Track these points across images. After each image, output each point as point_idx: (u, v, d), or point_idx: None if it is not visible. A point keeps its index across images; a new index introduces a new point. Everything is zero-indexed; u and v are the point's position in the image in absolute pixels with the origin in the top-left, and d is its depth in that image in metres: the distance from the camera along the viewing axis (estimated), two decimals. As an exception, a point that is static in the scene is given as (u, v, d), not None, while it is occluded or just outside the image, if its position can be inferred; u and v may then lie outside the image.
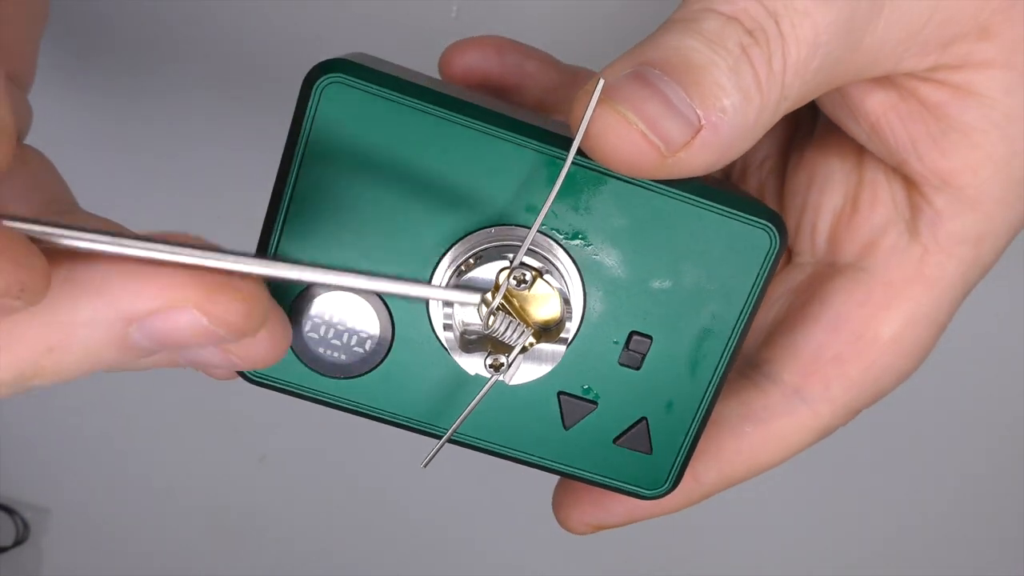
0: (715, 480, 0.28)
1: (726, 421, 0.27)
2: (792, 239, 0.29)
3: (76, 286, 0.19)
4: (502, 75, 0.30)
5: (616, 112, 0.21)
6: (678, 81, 0.21)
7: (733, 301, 0.24)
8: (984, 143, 0.24)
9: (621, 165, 0.21)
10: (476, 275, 0.23)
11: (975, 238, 0.25)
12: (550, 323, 0.24)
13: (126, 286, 0.18)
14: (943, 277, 0.26)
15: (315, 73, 0.22)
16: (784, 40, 0.21)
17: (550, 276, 0.23)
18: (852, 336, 0.27)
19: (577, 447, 0.26)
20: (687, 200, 0.23)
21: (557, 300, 0.24)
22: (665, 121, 0.20)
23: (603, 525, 0.28)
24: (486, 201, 0.23)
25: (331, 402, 0.25)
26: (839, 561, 0.58)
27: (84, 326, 0.19)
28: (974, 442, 0.54)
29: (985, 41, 0.23)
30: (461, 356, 0.24)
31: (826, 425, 0.27)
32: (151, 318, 0.19)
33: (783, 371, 0.27)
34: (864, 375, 0.27)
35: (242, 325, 0.19)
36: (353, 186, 0.23)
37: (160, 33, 0.44)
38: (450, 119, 0.23)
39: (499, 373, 0.24)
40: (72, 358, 0.19)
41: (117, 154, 0.48)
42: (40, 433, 0.57)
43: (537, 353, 0.24)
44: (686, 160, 0.21)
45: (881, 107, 0.25)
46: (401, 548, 0.60)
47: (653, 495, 0.26)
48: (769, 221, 0.24)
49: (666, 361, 0.25)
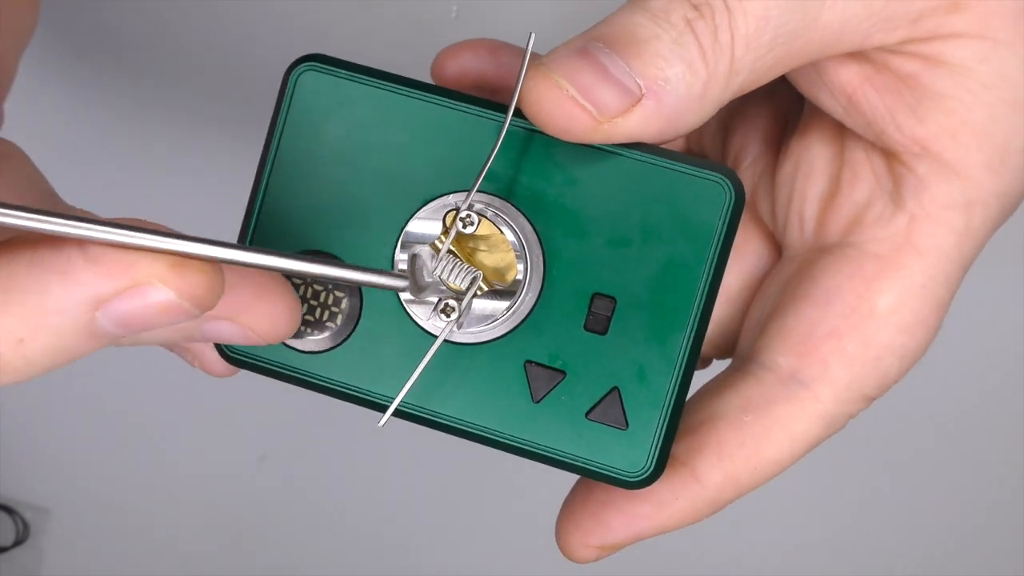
0: (720, 480, 0.26)
1: (725, 415, 0.26)
2: (782, 233, 0.29)
3: (44, 270, 0.18)
4: (497, 76, 0.30)
5: (549, 79, 0.22)
6: (619, 53, 0.22)
7: (695, 259, 0.25)
8: (958, 108, 0.24)
9: (557, 129, 0.23)
10: (427, 232, 0.25)
11: (963, 204, 0.25)
12: (501, 272, 0.25)
13: (92, 267, 0.18)
14: (934, 245, 0.25)
15: (293, 65, 0.25)
16: (731, 13, 0.22)
17: (496, 220, 0.25)
18: (845, 310, 0.26)
19: (548, 424, 0.25)
20: (640, 159, 0.24)
21: (509, 251, 0.25)
22: (598, 88, 0.22)
23: (606, 544, 0.27)
24: (444, 170, 0.25)
25: (308, 379, 0.26)
26: (843, 564, 0.59)
27: (52, 313, 0.18)
28: (982, 444, 0.54)
29: (955, 14, 0.23)
30: (421, 318, 0.25)
31: (831, 411, 0.26)
32: (117, 301, 0.19)
33: (777, 356, 0.26)
34: (863, 351, 0.26)
35: (206, 297, 0.19)
36: (325, 165, 0.25)
37: (158, 31, 0.44)
38: (408, 95, 0.25)
39: (451, 320, 0.24)
40: (40, 349, 0.19)
41: (107, 151, 0.48)
42: (40, 433, 0.57)
43: (499, 317, 0.25)
44: (625, 126, 0.23)
45: (857, 79, 0.25)
46: (401, 548, 0.60)
47: (636, 479, 0.25)
48: (722, 174, 0.24)
49: (632, 324, 0.25)
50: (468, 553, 0.60)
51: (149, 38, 0.44)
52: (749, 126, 0.30)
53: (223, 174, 0.47)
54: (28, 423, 0.57)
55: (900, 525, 0.57)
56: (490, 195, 0.25)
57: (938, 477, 0.56)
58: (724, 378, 0.28)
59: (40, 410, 0.56)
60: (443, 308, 0.25)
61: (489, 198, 0.25)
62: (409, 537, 0.60)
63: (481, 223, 0.25)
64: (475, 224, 0.25)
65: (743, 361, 0.28)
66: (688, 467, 0.26)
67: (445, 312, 0.25)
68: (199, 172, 0.48)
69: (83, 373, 0.54)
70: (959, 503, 0.56)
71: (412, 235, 0.25)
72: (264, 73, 0.43)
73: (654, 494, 0.26)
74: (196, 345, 0.27)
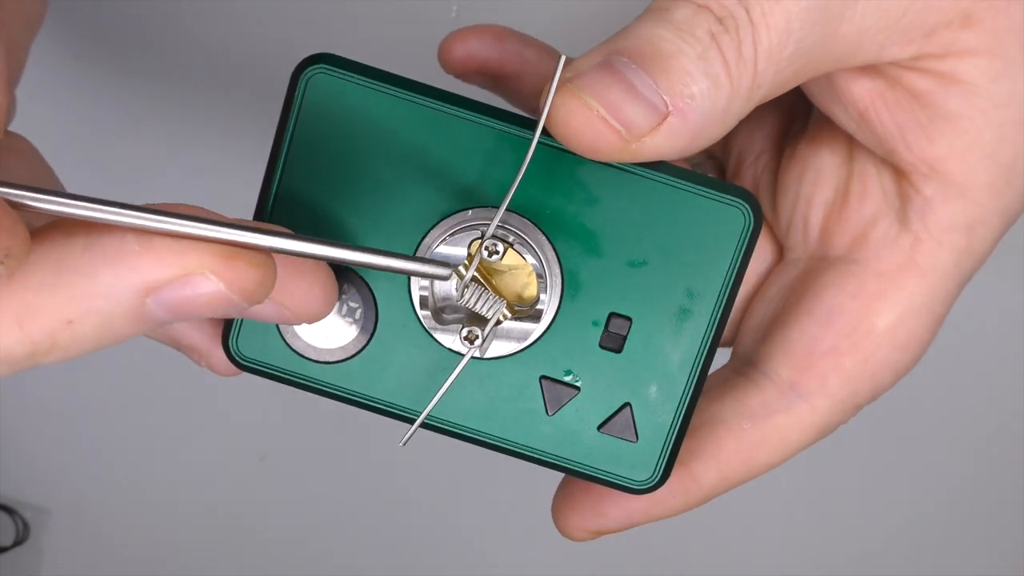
0: (715, 481, 0.27)
1: (723, 419, 0.27)
2: (784, 235, 0.29)
3: (96, 255, 0.18)
4: (501, 62, 0.30)
5: (578, 98, 0.22)
6: (646, 69, 0.22)
7: (711, 281, 0.25)
8: (970, 129, 0.24)
9: (585, 149, 0.22)
10: (449, 252, 0.25)
11: (966, 225, 0.25)
12: (524, 297, 0.25)
13: (146, 254, 0.19)
14: (936, 266, 0.26)
15: (302, 65, 0.24)
16: (754, 27, 0.22)
17: (521, 247, 0.24)
18: (846, 328, 0.26)
19: (561, 435, 0.26)
20: (660, 180, 0.24)
21: (531, 275, 0.25)
22: (627, 107, 0.22)
23: (602, 530, 0.28)
24: (462, 185, 0.24)
25: (319, 388, 0.26)
26: (839, 561, 0.59)
27: (103, 297, 0.19)
28: (977, 442, 0.54)
29: (968, 29, 0.23)
30: (438, 332, 0.25)
31: (825, 422, 0.27)
32: (168, 288, 0.19)
33: (779, 367, 0.27)
34: (861, 368, 0.26)
35: (255, 292, 0.19)
36: (336, 173, 0.25)
37: (160, 28, 0.44)
38: (425, 104, 0.24)
39: (474, 346, 0.24)
40: (89, 331, 0.19)
41: (112, 149, 0.48)
42: (40, 433, 0.57)
43: (516, 333, 0.25)
44: (652, 144, 0.22)
45: (869, 95, 0.25)
46: (402, 548, 0.60)
47: (642, 487, 0.26)
48: (742, 199, 0.24)
49: (647, 343, 0.25)
50: (468, 553, 0.60)
51: (151, 36, 0.44)
52: (753, 124, 0.30)
53: (228, 175, 0.47)
54: (28, 423, 0.57)
55: (900, 524, 0.57)
56: (508, 211, 0.25)
57: (937, 476, 0.56)
58: (725, 381, 0.28)
59: (40, 410, 0.56)
60: (466, 336, 0.24)
61: (507, 215, 0.25)
62: (409, 537, 0.60)
63: (507, 252, 0.24)
64: (500, 253, 0.24)
65: (744, 365, 0.28)
66: (686, 467, 0.27)
67: (469, 339, 0.24)
68: (204, 173, 0.48)
69: (83, 373, 0.54)
70: (959, 502, 0.56)
71: (428, 249, 0.25)
72: (264, 72, 0.43)
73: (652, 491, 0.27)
74: (204, 344, 0.27)
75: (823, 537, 0.58)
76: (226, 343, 0.26)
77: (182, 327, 0.27)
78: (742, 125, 0.30)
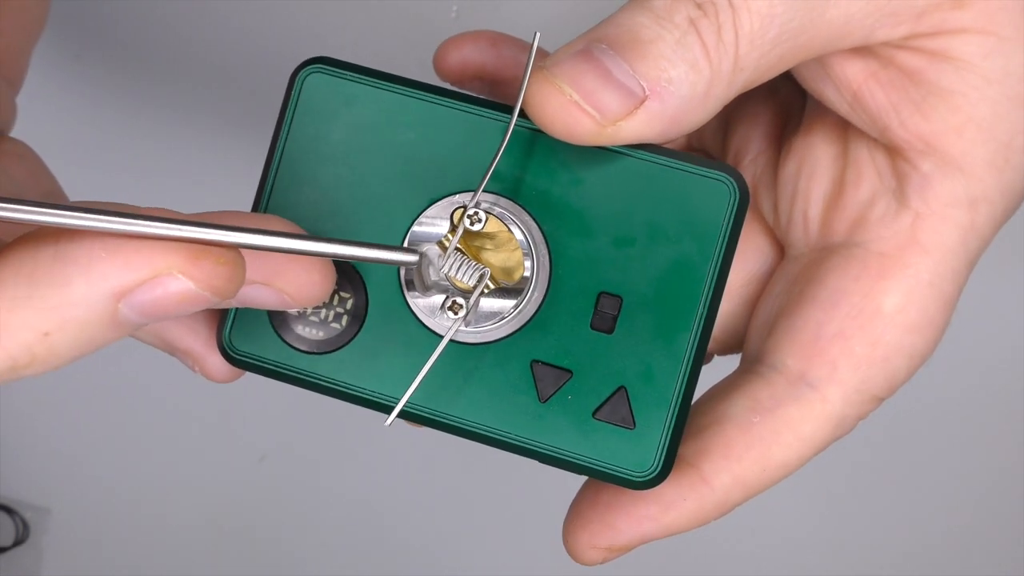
0: (728, 483, 0.26)
1: (733, 416, 0.26)
2: (785, 233, 0.29)
3: (67, 263, 0.19)
4: (497, 68, 0.30)
5: (552, 84, 0.22)
6: (623, 55, 0.22)
7: (700, 258, 0.25)
8: (964, 105, 0.24)
9: (561, 132, 0.23)
10: (432, 231, 0.25)
11: (968, 201, 0.25)
12: (508, 270, 0.25)
13: (113, 258, 0.19)
14: (940, 242, 0.25)
15: (299, 68, 0.26)
16: (735, 11, 0.22)
17: (503, 215, 0.25)
18: (852, 311, 0.25)
19: (556, 423, 0.25)
20: (645, 159, 0.25)
21: (516, 249, 0.25)
22: (601, 92, 0.22)
23: (613, 546, 0.26)
24: (452, 172, 0.25)
25: (310, 381, 0.26)
26: (845, 564, 0.59)
27: (76, 306, 0.19)
28: (988, 443, 0.54)
29: (959, 10, 0.23)
30: (428, 318, 0.25)
31: (839, 412, 0.26)
32: (138, 291, 0.19)
33: (786, 357, 0.26)
34: (871, 353, 0.25)
35: (225, 288, 0.20)
36: (330, 165, 0.25)
37: (159, 30, 0.44)
38: (413, 96, 0.25)
39: (459, 316, 0.24)
40: (67, 341, 0.19)
41: (112, 149, 0.48)
42: (40, 433, 0.57)
43: (505, 318, 0.25)
44: (629, 128, 0.23)
45: (862, 74, 0.25)
46: (402, 548, 0.60)
47: (643, 479, 0.25)
48: (726, 173, 0.25)
49: (639, 323, 0.25)
50: (468, 553, 0.60)
51: (151, 37, 0.44)
52: (750, 123, 0.30)
53: (226, 176, 0.47)
54: (28, 423, 0.57)
55: (904, 524, 0.57)
56: (496, 195, 0.25)
57: (942, 476, 0.56)
58: (732, 380, 0.28)
59: (40, 410, 0.56)
60: (450, 306, 0.25)
61: (495, 197, 0.25)
62: (409, 537, 0.60)
63: (488, 220, 0.25)
64: (482, 221, 0.25)
65: (751, 363, 0.28)
66: (696, 468, 0.26)
67: (452, 309, 0.25)
68: (202, 173, 0.48)
69: (83, 373, 0.54)
70: (964, 502, 0.56)
71: (419, 234, 0.25)
72: (265, 72, 0.43)
73: (661, 495, 0.26)
74: (197, 350, 0.27)
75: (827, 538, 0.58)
76: (220, 337, 0.26)
77: (177, 332, 0.27)
78: (739, 124, 0.31)
